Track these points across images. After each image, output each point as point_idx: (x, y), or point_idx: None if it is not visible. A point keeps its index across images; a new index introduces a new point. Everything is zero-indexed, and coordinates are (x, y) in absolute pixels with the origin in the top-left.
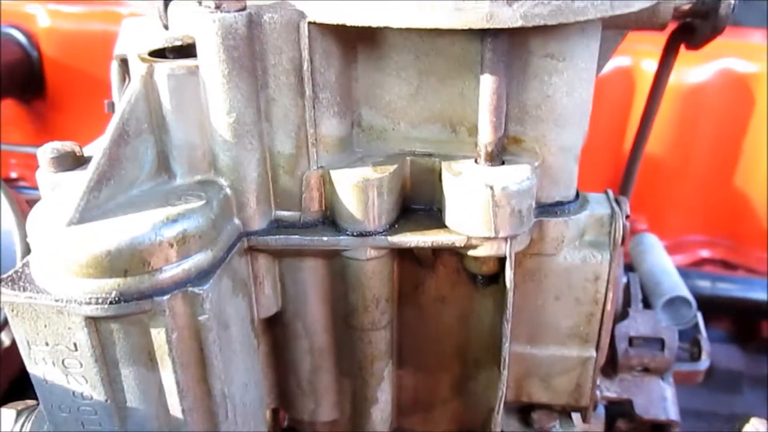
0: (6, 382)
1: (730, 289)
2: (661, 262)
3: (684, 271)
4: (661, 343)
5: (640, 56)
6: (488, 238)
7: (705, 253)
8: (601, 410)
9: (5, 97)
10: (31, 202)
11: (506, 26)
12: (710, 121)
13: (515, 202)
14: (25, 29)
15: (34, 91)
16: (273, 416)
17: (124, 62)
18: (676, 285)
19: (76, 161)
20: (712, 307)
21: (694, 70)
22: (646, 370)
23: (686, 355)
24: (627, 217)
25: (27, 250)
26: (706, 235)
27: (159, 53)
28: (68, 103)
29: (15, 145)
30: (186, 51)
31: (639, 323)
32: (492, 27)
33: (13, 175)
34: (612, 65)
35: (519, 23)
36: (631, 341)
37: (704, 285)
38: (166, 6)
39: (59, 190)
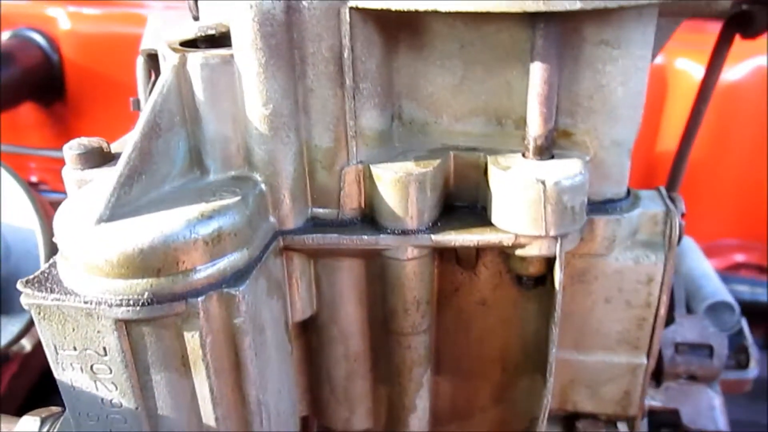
0: (27, 386)
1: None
2: (701, 266)
3: (722, 276)
4: (709, 349)
5: (673, 54)
6: (538, 237)
7: (740, 257)
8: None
9: (26, 100)
10: (55, 204)
11: (563, 9)
12: (745, 121)
13: (568, 198)
14: (45, 32)
15: (55, 94)
16: (303, 426)
17: (150, 57)
18: (717, 289)
19: (104, 158)
20: (750, 313)
21: (728, 68)
22: (693, 378)
23: (732, 364)
24: (683, 215)
25: (51, 252)
26: (741, 238)
27: (191, 44)
28: (89, 107)
29: (35, 149)
30: (219, 41)
31: (686, 329)
32: (548, 10)
33: (34, 179)
34: None
35: (578, 6)
36: (677, 348)
37: (742, 290)
38: None
39: (87, 187)
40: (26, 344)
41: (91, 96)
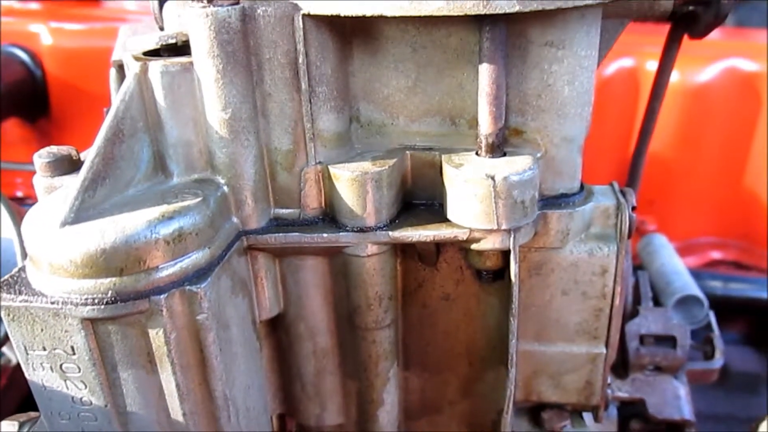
0: (18, 398)
1: (743, 289)
2: (672, 262)
3: (695, 272)
4: (672, 341)
5: (645, 57)
6: (491, 231)
7: (716, 255)
8: (613, 411)
9: (10, 116)
10: None
11: (503, 11)
12: (718, 121)
13: (517, 192)
14: (28, 48)
15: (39, 109)
16: (280, 423)
17: (121, 68)
18: (687, 284)
19: (73, 165)
20: (724, 308)
21: (699, 70)
22: (659, 369)
23: (700, 356)
24: (633, 208)
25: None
26: (717, 236)
27: (154, 53)
28: (73, 121)
29: (20, 164)
30: (181, 50)
31: (650, 321)
32: (489, 12)
33: (19, 194)
34: (616, 66)
35: (516, 8)
36: (642, 339)
37: (716, 285)
38: (161, 7)
39: (55, 193)
40: (12, 357)
41: (75, 110)
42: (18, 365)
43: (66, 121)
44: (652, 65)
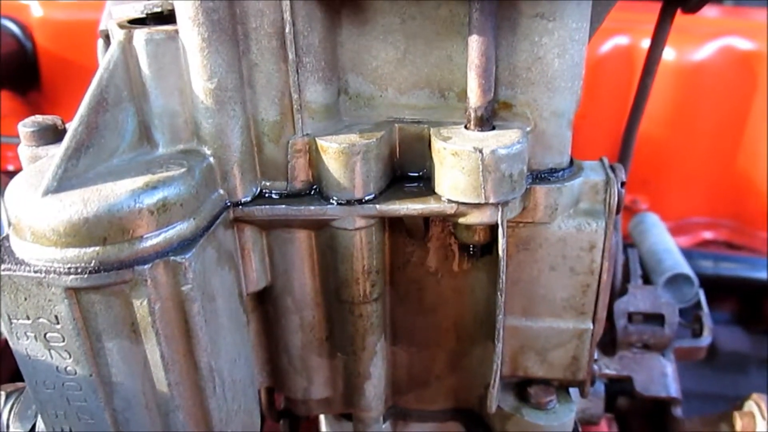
0: (11, 370)
1: (733, 268)
2: (663, 241)
3: (686, 251)
4: (661, 318)
5: (640, 35)
6: (479, 205)
7: (708, 235)
8: (600, 388)
9: (1, 89)
10: None
11: None
12: (712, 100)
13: (505, 166)
14: (18, 20)
15: (30, 82)
16: (268, 396)
17: (108, 38)
18: (677, 263)
19: (58, 134)
20: (715, 287)
21: (695, 48)
22: (646, 346)
23: (688, 333)
24: (623, 184)
25: None
26: (710, 216)
27: (140, 21)
28: (64, 94)
29: (11, 137)
30: (167, 19)
31: (638, 299)
32: None
33: (11, 168)
34: (612, 44)
35: None
36: (630, 317)
37: (707, 265)
38: None
39: (38, 162)
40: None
41: (66, 83)
42: None
43: (56, 93)
44: (647, 43)
